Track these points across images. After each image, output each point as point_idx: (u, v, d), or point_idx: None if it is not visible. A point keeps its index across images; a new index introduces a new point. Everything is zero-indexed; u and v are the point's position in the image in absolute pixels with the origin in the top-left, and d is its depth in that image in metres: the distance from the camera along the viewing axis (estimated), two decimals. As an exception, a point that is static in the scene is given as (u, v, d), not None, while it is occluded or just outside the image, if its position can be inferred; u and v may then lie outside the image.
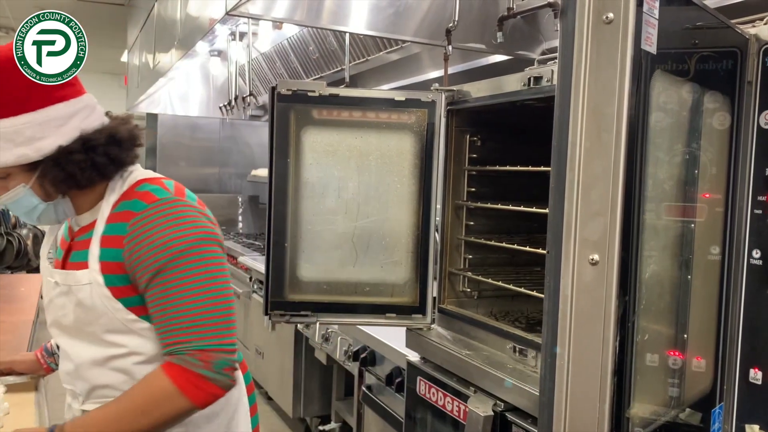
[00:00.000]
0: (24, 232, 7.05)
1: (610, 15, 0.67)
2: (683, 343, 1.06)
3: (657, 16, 0.71)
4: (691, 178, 1.04)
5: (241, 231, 5.00)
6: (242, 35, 4.38)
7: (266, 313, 1.81)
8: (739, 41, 1.04)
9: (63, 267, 1.36)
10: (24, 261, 6.73)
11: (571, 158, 0.70)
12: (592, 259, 0.69)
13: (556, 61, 1.55)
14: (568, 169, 0.70)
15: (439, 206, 1.81)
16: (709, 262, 1.06)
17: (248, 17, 3.04)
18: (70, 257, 1.36)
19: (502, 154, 1.87)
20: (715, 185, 1.05)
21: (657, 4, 0.71)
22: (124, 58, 7.29)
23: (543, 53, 2.79)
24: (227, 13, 2.53)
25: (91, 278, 1.26)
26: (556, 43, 2.56)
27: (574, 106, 0.69)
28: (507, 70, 2.72)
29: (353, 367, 2.57)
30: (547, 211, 1.52)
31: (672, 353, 1.05)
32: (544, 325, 0.74)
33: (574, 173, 0.70)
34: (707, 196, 1.06)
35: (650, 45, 0.71)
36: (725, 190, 1.05)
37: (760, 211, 1.05)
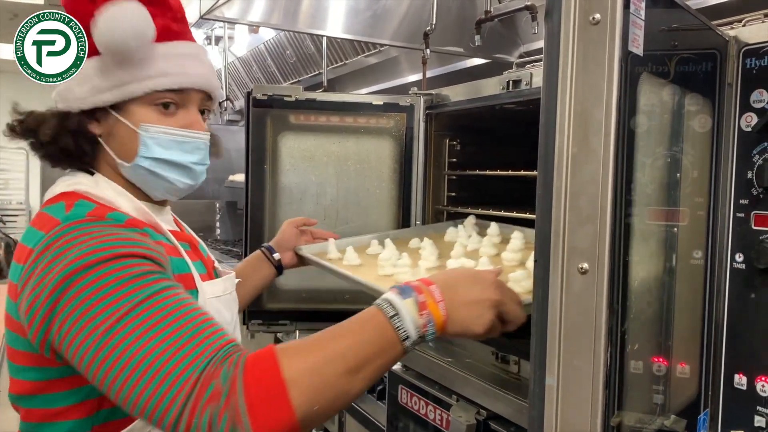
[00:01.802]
0: (-6, 241, 6.90)
1: (597, 16, 0.65)
2: (668, 349, 1.04)
3: (643, 18, 0.70)
4: (674, 182, 1.03)
5: (218, 237, 4.93)
6: (218, 39, 4.33)
7: (243, 323, 1.77)
8: (719, 43, 1.04)
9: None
10: (-5, 271, 6.57)
11: (558, 164, 0.68)
12: (582, 268, 0.67)
13: (535, 64, 1.55)
14: (555, 175, 0.68)
15: (419, 211, 1.79)
16: (692, 267, 1.05)
17: (224, 21, 2.99)
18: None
19: (482, 158, 1.85)
20: (697, 189, 1.05)
21: (643, 5, 0.69)
22: (97, 62, 7.16)
23: (521, 56, 2.80)
24: (201, 17, 2.48)
25: None
26: (534, 45, 2.57)
27: (560, 110, 0.67)
28: (485, 73, 2.72)
29: (334, 375, 2.52)
30: (528, 215, 1.52)
31: (656, 359, 1.04)
32: (532, 336, 0.72)
33: (561, 179, 0.68)
34: (689, 199, 1.05)
35: (637, 47, 0.69)
36: (707, 194, 1.05)
37: (742, 215, 1.04)
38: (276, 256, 1.45)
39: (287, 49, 4.08)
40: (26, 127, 1.01)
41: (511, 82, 1.45)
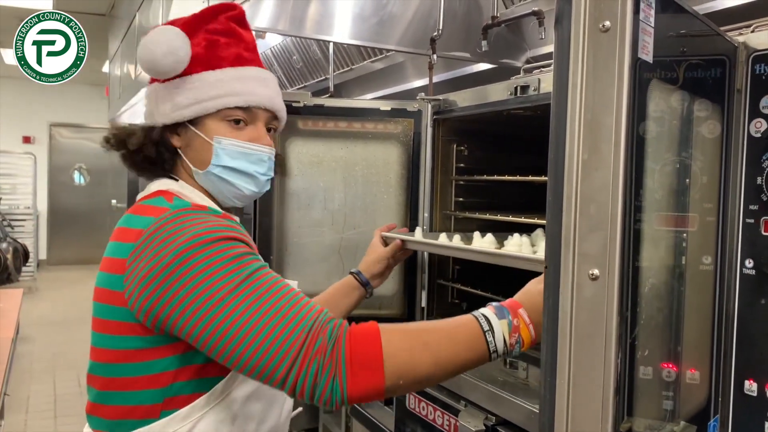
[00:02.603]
0: (4, 246, 6.93)
1: (607, 23, 0.65)
2: (677, 355, 1.04)
3: (653, 24, 0.70)
4: (683, 188, 1.03)
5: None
6: (224, 45, 4.33)
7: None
8: (728, 49, 1.04)
9: None
10: (4, 276, 6.60)
11: (568, 170, 0.68)
12: (592, 274, 0.67)
13: (542, 69, 1.55)
14: (565, 181, 0.68)
15: (427, 216, 1.79)
16: (702, 273, 1.05)
17: (231, 27, 2.99)
18: None
19: (489, 163, 1.86)
20: (706, 194, 1.05)
21: (653, 12, 0.69)
22: (106, 68, 7.21)
23: (527, 61, 2.80)
24: (209, 23, 2.48)
25: None
26: (541, 51, 2.57)
27: (570, 116, 0.68)
28: (491, 78, 2.72)
29: (340, 380, 2.52)
30: (537, 221, 1.52)
31: (666, 365, 1.03)
32: (542, 342, 0.72)
33: (572, 186, 0.68)
34: (698, 205, 1.05)
35: (647, 54, 0.70)
36: (717, 200, 1.05)
37: (752, 221, 1.04)
38: (363, 277, 1.54)
39: (294, 54, 4.09)
40: (119, 139, 1.15)
41: (519, 87, 1.45)
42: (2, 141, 9.04)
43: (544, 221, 1.49)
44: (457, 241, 1.54)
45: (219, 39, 1.15)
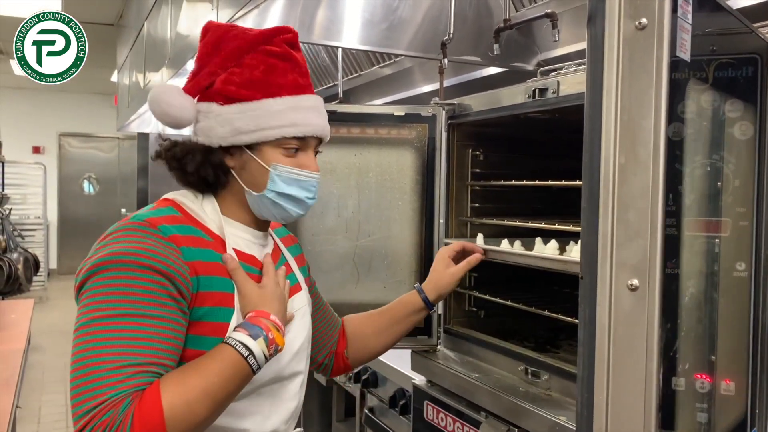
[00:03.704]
0: (14, 256, 6.94)
1: (644, 20, 0.62)
2: (711, 365, 1.00)
3: (690, 21, 0.67)
4: (715, 192, 0.99)
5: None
6: (233, 52, 4.33)
7: (265, 338, 1.75)
8: (760, 47, 1.00)
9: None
10: (15, 286, 6.62)
11: (604, 175, 0.65)
12: (632, 285, 0.64)
13: (560, 72, 1.51)
14: (601, 187, 0.65)
15: (442, 222, 1.76)
16: (736, 279, 1.01)
17: (239, 34, 2.98)
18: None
19: (505, 167, 1.82)
20: (739, 198, 1.01)
21: (690, 9, 0.66)
22: (114, 78, 7.23)
23: (539, 64, 2.76)
24: (219, 30, 2.47)
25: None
26: (552, 54, 2.53)
27: (606, 119, 0.64)
28: (501, 82, 2.69)
29: (354, 389, 2.49)
30: (558, 227, 1.48)
31: (699, 376, 0.99)
32: (579, 357, 0.68)
33: (608, 192, 0.64)
34: (731, 209, 1.01)
35: (685, 52, 0.66)
36: (750, 204, 1.01)
37: (786, 224, 1.00)
38: (429, 303, 1.51)
39: (302, 61, 4.07)
40: (173, 155, 1.17)
41: (537, 90, 1.42)
42: (12, 151, 9.08)
43: (565, 227, 1.46)
44: (518, 247, 1.53)
45: (277, 64, 1.17)
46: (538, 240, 1.52)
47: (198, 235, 1.11)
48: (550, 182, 1.55)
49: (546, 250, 1.43)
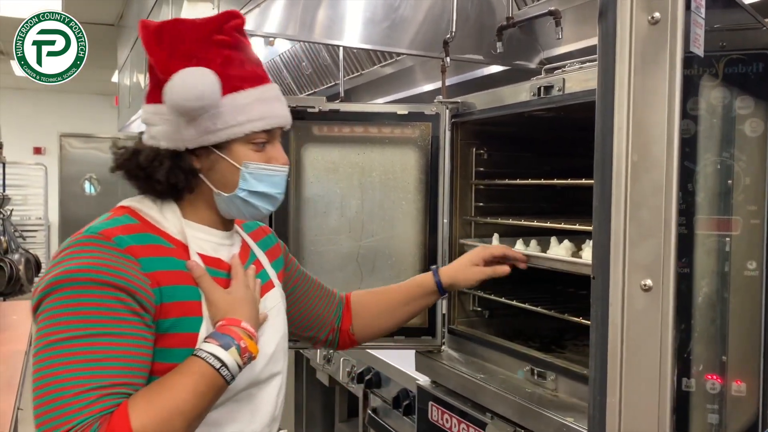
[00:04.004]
0: (16, 257, 6.93)
1: (657, 15, 0.61)
2: (722, 365, 0.99)
3: (704, 16, 0.65)
4: (725, 190, 0.98)
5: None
6: (234, 52, 4.32)
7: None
8: (769, 43, 0.98)
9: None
10: (16, 287, 6.60)
11: (616, 173, 0.63)
12: (645, 285, 0.62)
13: (565, 69, 1.50)
14: (614, 185, 0.63)
15: (446, 222, 1.75)
16: (747, 278, 1.00)
17: (240, 33, 2.97)
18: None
19: (509, 166, 1.81)
20: (750, 196, 0.99)
21: (704, 3, 0.65)
22: (115, 78, 7.23)
23: (541, 62, 2.75)
24: (220, 29, 2.46)
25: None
26: (555, 52, 2.51)
27: (618, 115, 0.63)
28: (503, 81, 2.67)
29: (357, 389, 2.48)
30: (563, 225, 1.47)
31: (710, 377, 0.98)
32: (591, 358, 0.67)
33: (620, 189, 0.63)
34: (742, 208, 1.00)
35: (698, 47, 0.65)
36: (762, 202, 0.99)
37: (798, 223, 0.98)
38: (442, 288, 1.46)
39: (303, 60, 4.07)
40: (137, 164, 1.09)
41: (542, 88, 1.41)
42: (13, 152, 9.07)
43: (571, 225, 1.45)
44: (534, 247, 1.52)
45: (232, 55, 1.10)
46: (553, 240, 1.50)
47: (158, 243, 1.06)
48: (555, 181, 1.54)
49: (560, 251, 1.42)
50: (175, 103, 1.05)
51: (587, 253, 1.35)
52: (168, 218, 1.10)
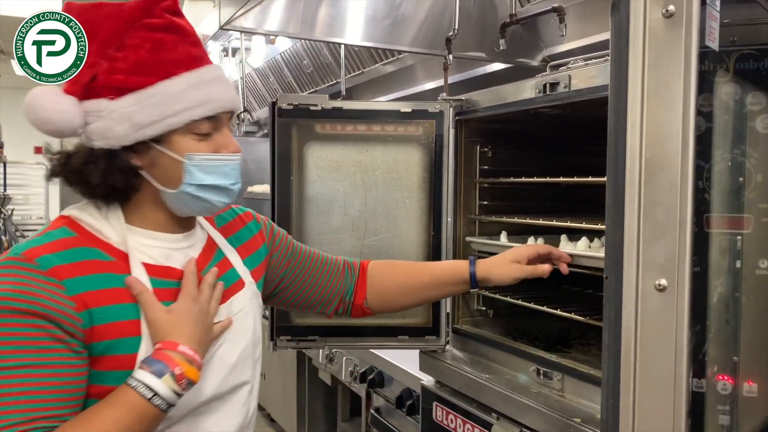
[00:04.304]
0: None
1: (671, 8, 0.59)
2: (733, 366, 0.97)
3: (719, 9, 0.64)
4: (736, 187, 0.96)
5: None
6: (235, 51, 4.32)
7: (272, 339, 1.72)
8: (781, 38, 0.97)
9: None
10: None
11: (630, 171, 0.62)
12: (659, 285, 0.61)
13: (570, 66, 1.48)
14: (627, 183, 0.62)
15: (450, 220, 1.73)
16: (759, 278, 0.98)
17: (241, 31, 2.97)
18: None
19: (514, 164, 1.79)
20: (762, 194, 0.98)
21: (719, -5, 0.63)
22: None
23: (544, 60, 2.74)
24: (221, 28, 2.45)
25: None
26: (558, 49, 2.50)
27: (631, 112, 0.61)
28: (505, 78, 2.66)
29: (360, 389, 2.47)
30: (569, 224, 1.45)
31: (721, 377, 0.96)
32: (603, 360, 0.65)
33: (634, 188, 0.61)
34: (753, 206, 0.98)
35: (713, 41, 0.63)
36: (773, 199, 0.98)
37: (809, 221, 0.97)
38: (474, 282, 1.36)
39: (304, 59, 4.05)
40: (71, 169, 1.02)
41: (548, 85, 1.39)
42: (14, 152, 9.06)
43: (578, 224, 1.44)
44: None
45: (164, 38, 1.01)
46: (563, 238, 1.49)
47: (93, 258, 0.97)
48: (561, 179, 1.52)
49: (580, 249, 1.41)
50: (32, 124, 1.00)
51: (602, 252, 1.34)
52: (113, 225, 1.02)
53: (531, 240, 1.56)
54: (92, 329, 0.94)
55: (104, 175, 0.99)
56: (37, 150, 10.63)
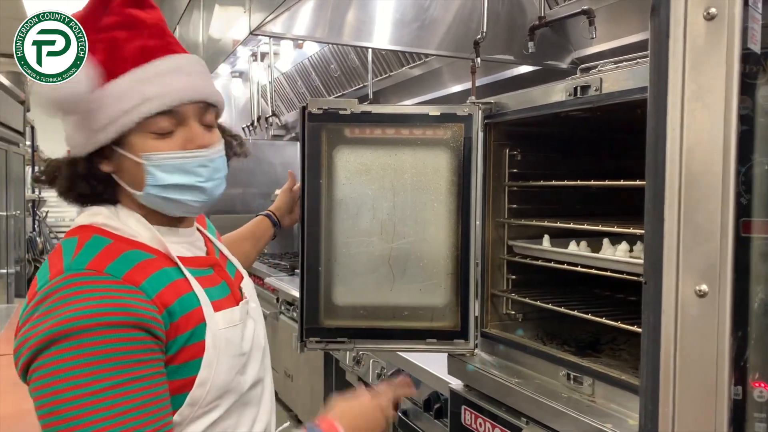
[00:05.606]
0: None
1: (713, 10, 0.59)
2: (771, 373, 0.95)
3: (761, 10, 0.63)
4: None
5: (265, 251, 4.95)
6: (263, 56, 4.37)
7: (301, 340, 1.74)
8: (822, 39, 0.95)
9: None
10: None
11: (670, 175, 0.61)
12: (700, 290, 0.60)
13: (601, 68, 1.47)
14: (667, 188, 0.61)
15: (478, 224, 1.73)
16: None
17: (270, 36, 3.00)
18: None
19: (543, 168, 1.78)
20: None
21: (761, -3, 0.62)
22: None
23: (573, 62, 2.71)
24: (251, 33, 2.48)
25: None
26: (587, 51, 2.47)
27: (671, 116, 0.61)
28: (532, 81, 2.64)
29: (387, 392, 2.47)
30: (601, 228, 1.44)
31: (758, 384, 0.94)
32: (642, 366, 0.65)
33: (674, 193, 0.61)
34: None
35: (755, 43, 0.63)
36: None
37: None
38: (275, 219, 1.75)
39: (331, 63, 4.08)
40: (47, 177, 1.03)
41: (579, 88, 1.38)
42: (48, 155, 9.26)
43: (609, 228, 1.42)
44: (584, 248, 1.54)
45: (117, 36, 0.97)
46: (606, 241, 1.48)
47: (143, 259, 0.95)
48: (592, 182, 1.51)
49: (618, 253, 1.41)
50: (52, 103, 0.96)
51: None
52: (132, 226, 1.00)
53: (573, 245, 1.56)
54: (173, 326, 0.93)
55: (69, 183, 0.99)
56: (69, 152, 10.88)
